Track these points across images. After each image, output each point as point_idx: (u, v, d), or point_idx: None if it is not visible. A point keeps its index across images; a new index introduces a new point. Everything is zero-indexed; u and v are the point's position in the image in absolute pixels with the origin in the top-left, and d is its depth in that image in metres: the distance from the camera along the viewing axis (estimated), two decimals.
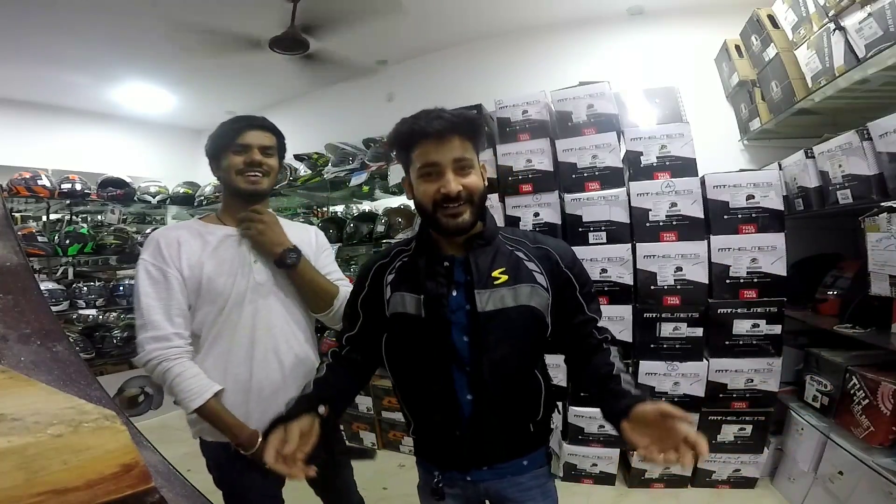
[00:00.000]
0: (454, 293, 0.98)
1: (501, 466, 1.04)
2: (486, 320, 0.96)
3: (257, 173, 1.24)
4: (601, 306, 1.10)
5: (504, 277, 0.98)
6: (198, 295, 1.19)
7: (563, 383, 2.28)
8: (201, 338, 1.21)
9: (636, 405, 0.83)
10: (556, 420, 2.42)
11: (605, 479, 2.42)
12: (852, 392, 1.88)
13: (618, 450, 2.40)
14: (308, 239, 1.39)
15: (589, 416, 2.37)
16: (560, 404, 2.39)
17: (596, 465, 2.41)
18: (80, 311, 3.89)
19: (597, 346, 1.03)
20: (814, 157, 2.13)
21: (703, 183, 2.25)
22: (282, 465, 0.84)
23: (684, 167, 2.28)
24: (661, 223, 2.26)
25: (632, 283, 2.27)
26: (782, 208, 2.16)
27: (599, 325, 1.05)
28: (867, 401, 1.80)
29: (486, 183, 1.02)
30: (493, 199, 2.48)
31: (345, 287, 1.34)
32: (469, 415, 0.98)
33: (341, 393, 1.07)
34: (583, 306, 1.04)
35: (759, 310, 2.16)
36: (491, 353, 0.96)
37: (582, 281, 1.05)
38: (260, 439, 1.08)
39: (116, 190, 4.06)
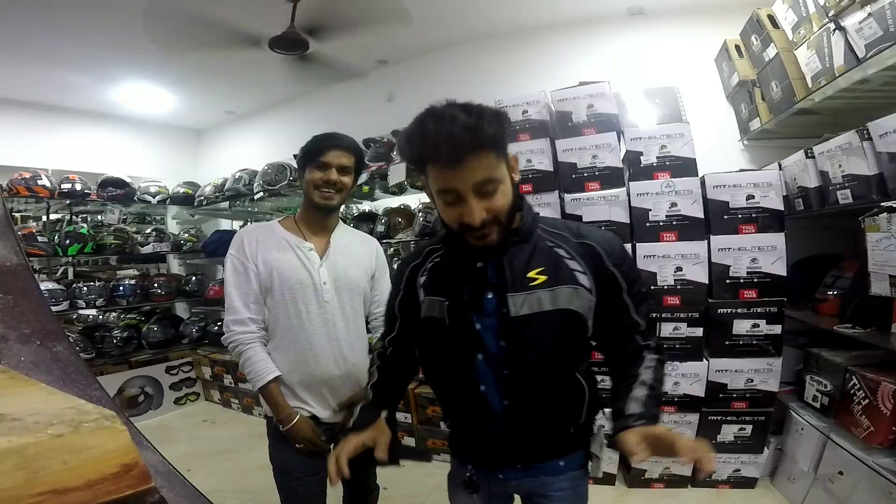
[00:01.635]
0: (489, 296, 0.93)
1: (537, 466, 1.00)
2: (521, 325, 0.90)
3: (331, 190, 1.39)
4: None
5: (542, 278, 0.90)
6: (269, 290, 1.37)
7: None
8: (270, 329, 1.40)
9: (620, 433, 0.84)
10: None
11: (605, 478, 2.42)
12: (852, 392, 1.88)
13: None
14: (369, 255, 1.53)
15: None
16: None
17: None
18: (80, 311, 3.90)
19: (633, 353, 0.95)
20: (814, 157, 2.13)
21: (703, 183, 2.25)
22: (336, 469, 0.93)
23: (684, 167, 2.28)
24: (661, 223, 2.26)
25: None
26: (782, 208, 2.16)
27: (645, 329, 0.96)
28: (867, 401, 1.80)
29: (518, 177, 0.93)
30: None
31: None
32: (504, 419, 0.95)
33: (396, 390, 1.14)
34: (628, 308, 0.94)
35: (759, 310, 2.16)
36: (526, 359, 0.91)
37: (631, 280, 0.95)
38: (296, 419, 1.33)
39: (116, 190, 4.06)
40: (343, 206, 4.25)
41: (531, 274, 0.90)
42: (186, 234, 4.42)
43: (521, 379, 0.92)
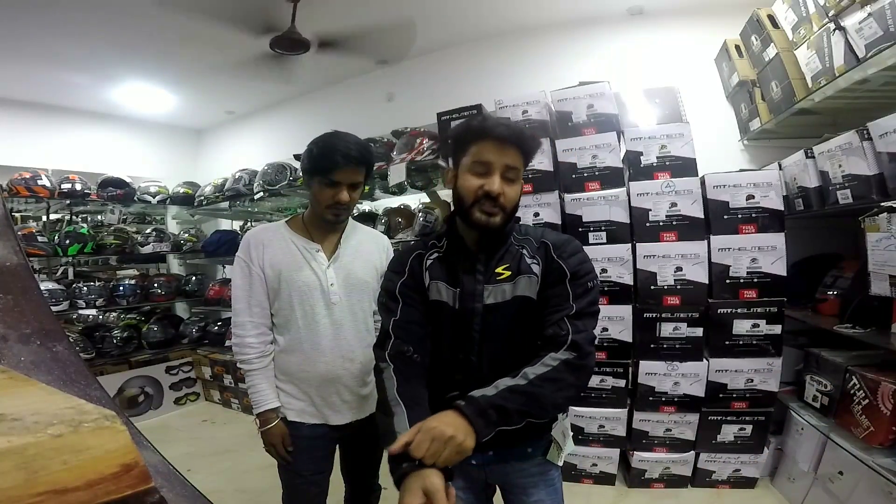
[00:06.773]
0: (479, 287, 1.06)
1: (505, 451, 1.07)
2: (488, 313, 1.03)
3: (343, 209, 1.39)
4: (602, 306, 1.08)
5: (507, 273, 1.05)
6: (276, 292, 1.40)
7: None
8: (280, 329, 1.43)
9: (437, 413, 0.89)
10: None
11: (604, 478, 2.42)
12: (852, 392, 1.88)
13: (618, 450, 2.40)
14: (379, 252, 1.51)
15: (588, 416, 2.37)
16: None
17: (596, 465, 2.41)
18: (80, 311, 3.90)
19: (550, 338, 0.98)
20: (814, 157, 2.13)
21: (703, 183, 2.25)
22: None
23: (684, 167, 2.28)
24: (661, 223, 2.26)
25: (632, 283, 2.27)
26: (782, 208, 2.16)
27: (574, 316, 0.99)
28: (867, 401, 1.80)
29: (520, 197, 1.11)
30: None
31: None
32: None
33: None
34: (568, 295, 1.01)
35: (759, 310, 2.16)
36: (490, 344, 1.04)
37: (577, 273, 1.03)
38: (272, 425, 1.37)
39: (116, 190, 4.06)
40: None
41: (499, 269, 1.06)
42: (186, 234, 4.41)
43: (485, 365, 1.03)
